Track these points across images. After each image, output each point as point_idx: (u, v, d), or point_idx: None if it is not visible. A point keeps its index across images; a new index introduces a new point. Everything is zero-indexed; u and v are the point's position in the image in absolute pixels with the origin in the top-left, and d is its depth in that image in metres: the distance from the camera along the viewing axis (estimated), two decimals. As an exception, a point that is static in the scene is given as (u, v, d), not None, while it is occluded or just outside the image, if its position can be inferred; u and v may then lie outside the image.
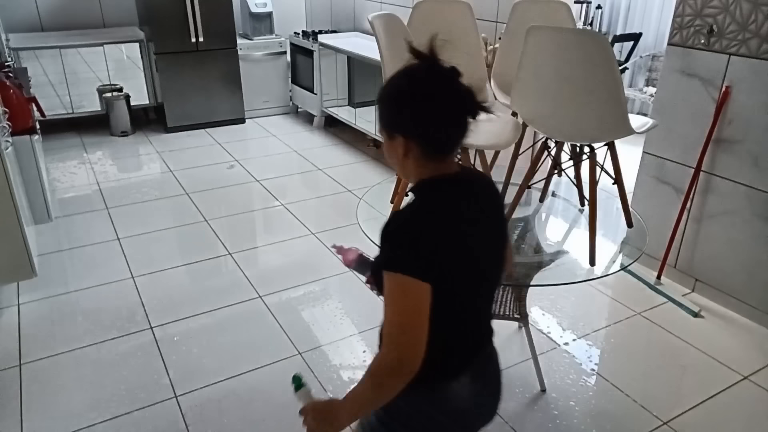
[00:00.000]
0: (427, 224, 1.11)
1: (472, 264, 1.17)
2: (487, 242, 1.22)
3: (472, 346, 1.26)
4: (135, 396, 2.31)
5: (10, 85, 3.21)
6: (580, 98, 1.80)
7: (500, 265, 1.28)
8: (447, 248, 1.10)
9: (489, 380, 1.32)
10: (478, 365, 1.27)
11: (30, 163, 3.41)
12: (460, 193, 1.19)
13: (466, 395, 1.23)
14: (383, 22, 1.85)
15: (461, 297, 1.17)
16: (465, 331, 1.23)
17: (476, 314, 1.26)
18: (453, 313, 1.15)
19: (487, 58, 3.04)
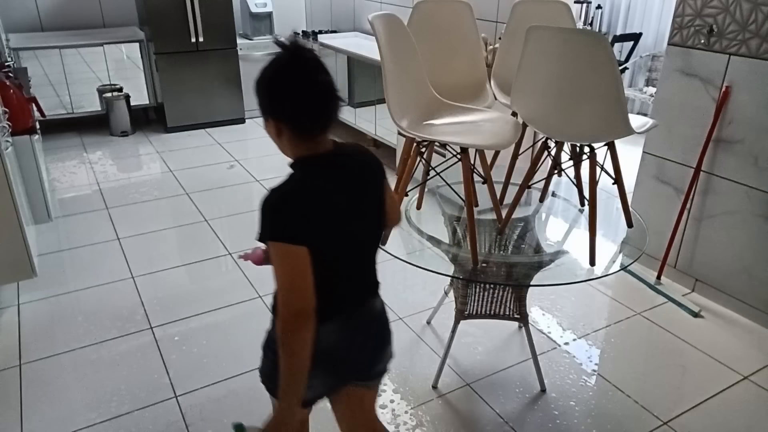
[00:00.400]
0: (298, 196, 1.29)
1: (342, 228, 1.34)
2: (359, 208, 1.38)
3: (343, 299, 1.42)
4: (135, 396, 2.31)
5: (10, 85, 3.21)
6: (581, 98, 1.80)
7: (375, 227, 1.46)
8: (317, 216, 1.28)
9: (365, 334, 1.49)
10: (353, 318, 1.45)
11: (30, 163, 3.41)
12: (331, 167, 1.36)
13: (333, 340, 1.39)
14: (383, 22, 1.84)
15: (332, 256, 1.34)
16: (336, 285, 1.38)
17: (350, 271, 1.43)
18: (325, 269, 1.30)
19: (487, 58, 3.04)
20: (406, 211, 2.27)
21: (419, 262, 2.02)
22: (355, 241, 1.41)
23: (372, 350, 1.54)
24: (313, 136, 1.32)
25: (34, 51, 4.96)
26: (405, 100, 1.92)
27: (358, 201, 1.39)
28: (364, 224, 1.42)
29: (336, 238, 1.34)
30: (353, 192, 1.38)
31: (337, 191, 1.34)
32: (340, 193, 1.35)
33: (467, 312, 2.30)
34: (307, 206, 1.28)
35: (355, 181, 1.41)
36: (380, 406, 2.27)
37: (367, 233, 1.45)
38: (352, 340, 1.46)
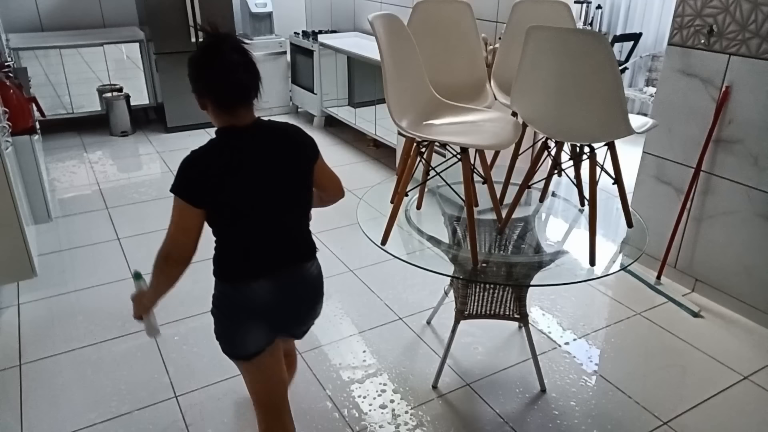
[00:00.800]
0: (205, 159, 1.47)
1: (247, 191, 1.50)
2: (272, 177, 1.53)
3: (270, 258, 1.60)
4: (135, 396, 2.31)
5: (10, 85, 3.21)
6: (580, 98, 1.80)
7: (293, 197, 1.61)
8: (219, 177, 1.45)
9: (294, 292, 1.66)
10: (282, 277, 1.62)
11: (30, 163, 3.41)
12: (246, 138, 1.51)
13: (262, 294, 1.59)
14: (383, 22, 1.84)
15: (249, 219, 1.53)
16: (260, 246, 1.58)
17: (271, 235, 1.59)
18: (245, 230, 1.55)
19: (487, 58, 3.04)
20: (407, 211, 2.28)
21: (419, 262, 2.02)
22: (266, 206, 1.55)
23: (304, 311, 1.73)
24: (230, 110, 1.49)
25: (34, 51, 4.96)
26: (405, 100, 1.92)
27: (271, 170, 1.53)
28: (278, 192, 1.56)
29: (241, 200, 1.50)
30: (266, 162, 1.53)
31: (247, 159, 1.50)
32: (250, 161, 1.50)
33: (467, 312, 2.30)
34: (210, 169, 1.47)
35: (271, 152, 1.54)
36: (380, 406, 2.27)
37: (283, 201, 1.58)
38: (284, 299, 1.64)
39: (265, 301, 1.61)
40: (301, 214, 1.68)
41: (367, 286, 3.05)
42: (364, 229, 2.10)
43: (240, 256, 1.59)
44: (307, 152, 1.63)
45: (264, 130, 1.56)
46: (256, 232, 1.57)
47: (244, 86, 1.48)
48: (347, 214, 3.91)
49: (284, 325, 1.72)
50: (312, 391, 2.34)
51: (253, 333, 1.63)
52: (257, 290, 1.58)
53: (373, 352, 2.57)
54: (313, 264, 1.72)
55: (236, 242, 1.57)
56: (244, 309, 1.62)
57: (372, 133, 4.94)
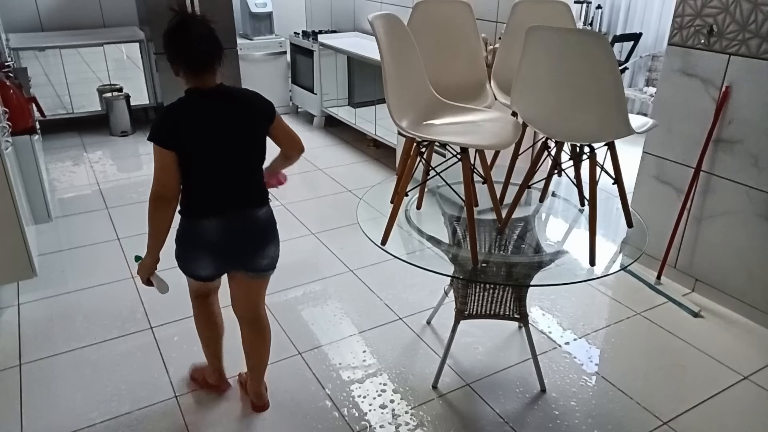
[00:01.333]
0: (174, 114, 1.80)
1: (207, 142, 1.81)
2: (228, 132, 1.83)
3: (222, 201, 1.89)
4: (135, 396, 2.31)
5: (10, 85, 3.21)
6: (581, 98, 1.80)
7: (245, 149, 1.89)
8: (185, 130, 1.78)
9: (241, 232, 1.94)
10: (231, 218, 1.91)
11: (30, 163, 3.41)
12: (209, 98, 1.82)
13: (211, 230, 1.90)
14: (383, 22, 1.84)
15: (205, 164, 1.83)
16: (213, 189, 1.88)
17: (226, 180, 1.88)
18: (202, 174, 1.85)
19: (487, 58, 3.04)
20: (407, 211, 2.28)
21: (419, 262, 2.02)
22: (221, 155, 1.85)
23: (252, 249, 1.99)
24: (197, 75, 1.79)
25: (34, 51, 4.96)
26: (405, 100, 1.92)
27: (227, 126, 1.83)
28: (232, 145, 1.86)
29: (200, 149, 1.81)
30: (223, 118, 1.83)
31: (207, 115, 1.81)
32: (210, 117, 1.81)
33: (467, 312, 2.30)
34: (178, 121, 1.79)
35: (228, 111, 1.84)
36: (380, 406, 2.27)
37: (236, 153, 1.88)
38: (233, 237, 1.93)
39: (214, 236, 1.91)
40: (254, 166, 1.95)
41: (367, 286, 3.05)
42: (364, 229, 2.10)
43: (197, 197, 1.89)
44: (261, 113, 1.91)
45: (225, 93, 1.86)
46: (212, 177, 1.87)
47: (208, 55, 1.79)
48: (347, 214, 3.93)
49: (233, 261, 2.00)
50: (312, 390, 2.34)
51: (203, 262, 1.98)
52: (208, 226, 1.90)
53: (373, 352, 2.57)
54: (263, 210, 1.98)
55: (195, 185, 1.86)
56: (196, 241, 1.94)
57: (372, 133, 4.94)
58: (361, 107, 5.32)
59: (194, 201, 1.89)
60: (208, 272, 2.00)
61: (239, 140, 1.86)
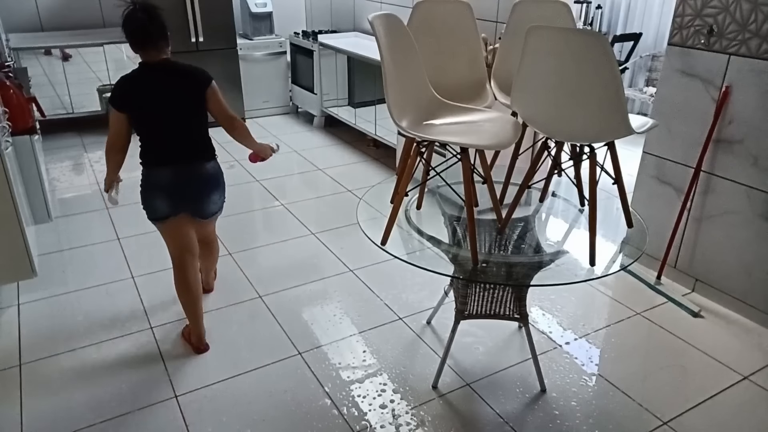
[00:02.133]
0: (126, 83, 2.28)
1: (153, 107, 2.29)
2: (169, 97, 2.30)
3: (169, 155, 2.36)
4: (135, 396, 2.31)
5: (10, 85, 3.21)
6: (581, 98, 1.80)
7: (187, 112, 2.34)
8: (133, 96, 2.27)
9: (188, 180, 2.40)
10: (180, 168, 2.38)
11: (30, 163, 3.40)
12: (153, 70, 2.28)
13: (162, 178, 2.37)
14: (383, 22, 1.84)
15: (151, 124, 2.32)
16: (161, 144, 2.35)
17: (171, 138, 2.35)
18: (150, 131, 2.34)
19: (487, 58, 3.04)
20: (407, 211, 2.28)
21: (419, 262, 2.02)
22: (165, 117, 2.31)
23: (198, 196, 2.45)
24: (141, 50, 2.26)
25: (34, 51, 4.96)
26: (405, 100, 1.92)
27: (169, 93, 2.30)
28: (174, 108, 2.31)
29: (148, 111, 2.30)
30: (166, 86, 2.29)
31: (152, 83, 2.28)
32: (154, 85, 2.28)
33: (467, 312, 2.30)
34: (125, 87, 2.28)
35: (170, 81, 2.30)
36: (380, 405, 2.27)
37: (179, 114, 2.33)
38: (182, 184, 2.39)
39: (165, 183, 2.38)
40: (197, 126, 2.39)
41: (367, 286, 3.05)
42: (364, 229, 2.10)
43: (150, 150, 2.37)
44: (197, 82, 2.34)
45: (169, 66, 2.32)
46: (159, 134, 2.34)
47: (148, 35, 2.23)
48: (347, 214, 3.93)
49: (182, 204, 2.43)
50: (312, 390, 2.34)
51: (158, 203, 2.40)
52: (160, 174, 2.37)
53: (373, 352, 2.57)
54: (210, 164, 2.44)
55: (147, 140, 2.36)
56: (152, 186, 2.40)
57: (372, 133, 4.94)
58: (361, 107, 5.32)
59: (148, 153, 2.38)
60: (162, 213, 2.42)
61: (178, 104, 2.32)
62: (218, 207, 2.55)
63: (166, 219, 2.43)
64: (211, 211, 2.51)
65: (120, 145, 2.33)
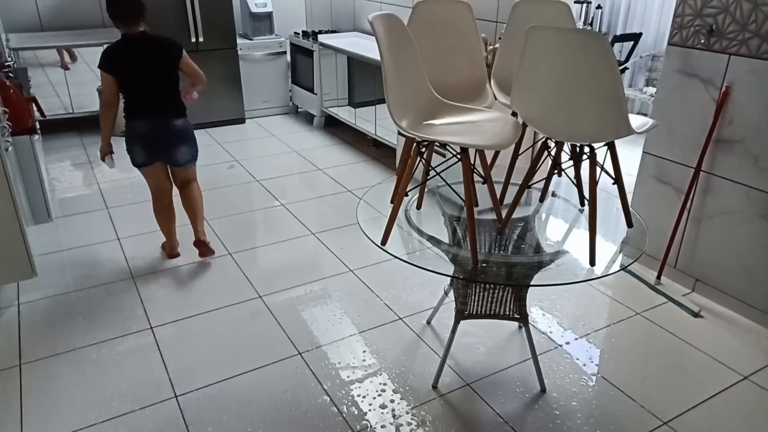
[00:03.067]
0: (110, 50, 2.80)
1: (133, 71, 2.83)
2: (148, 63, 2.85)
3: (146, 110, 2.92)
4: (135, 396, 2.31)
5: (10, 85, 3.21)
6: (580, 98, 1.80)
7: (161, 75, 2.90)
8: (117, 61, 2.80)
9: (160, 133, 2.97)
10: (154, 122, 2.94)
11: (30, 163, 3.40)
12: (133, 40, 2.81)
13: (140, 129, 2.93)
14: (383, 22, 1.84)
15: (132, 84, 2.86)
16: (139, 101, 2.90)
17: (148, 96, 2.91)
18: (132, 90, 2.87)
19: (487, 58, 3.04)
20: (407, 211, 2.27)
21: (419, 262, 2.02)
22: (144, 78, 2.87)
23: (169, 147, 3.02)
24: (123, 24, 2.79)
25: (34, 51, 4.96)
26: (405, 100, 1.92)
27: (146, 59, 2.85)
28: (150, 72, 2.88)
29: (129, 74, 2.84)
30: (143, 54, 2.85)
31: (131, 51, 2.83)
32: (133, 53, 2.83)
33: (467, 312, 2.30)
34: (112, 54, 2.81)
35: (147, 49, 2.85)
36: (380, 405, 2.27)
37: (154, 77, 2.89)
38: (156, 135, 2.97)
39: (142, 133, 2.95)
40: (170, 87, 2.94)
41: (367, 286, 3.05)
42: (364, 229, 2.10)
43: (132, 105, 2.92)
44: (171, 50, 2.91)
45: (146, 37, 2.86)
46: (138, 93, 2.90)
47: (130, 10, 2.76)
48: (347, 214, 3.93)
49: (156, 154, 3.02)
50: (312, 390, 2.34)
51: (138, 151, 2.98)
52: (139, 125, 2.94)
53: (373, 352, 2.57)
54: (179, 120, 2.98)
55: (129, 97, 2.91)
56: (133, 135, 2.96)
57: (372, 133, 4.94)
58: (361, 107, 5.32)
59: (131, 108, 2.92)
60: (141, 160, 3.01)
61: (154, 69, 2.88)
62: (189, 158, 3.10)
63: (144, 166, 3.03)
64: (182, 160, 3.07)
65: (112, 102, 2.88)
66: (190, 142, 3.05)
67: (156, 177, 3.09)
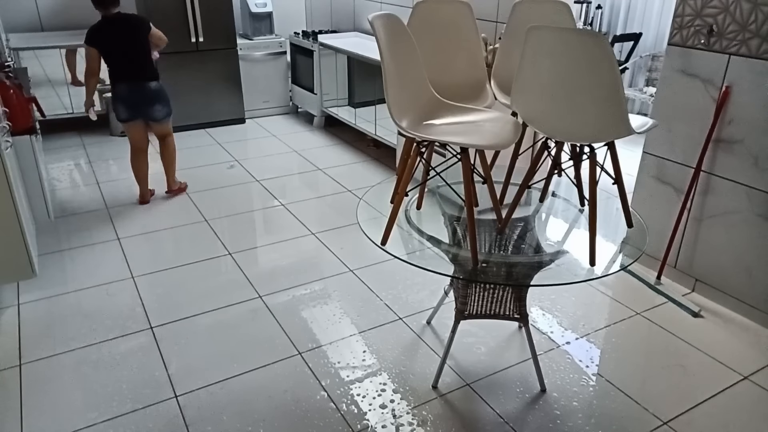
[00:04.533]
0: (93, 29, 3.61)
1: (111, 44, 3.61)
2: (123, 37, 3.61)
3: (124, 75, 3.68)
4: (135, 396, 2.31)
5: (10, 85, 3.21)
6: (580, 98, 1.80)
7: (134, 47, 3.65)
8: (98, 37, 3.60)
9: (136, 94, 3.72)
10: (131, 84, 3.70)
11: (30, 163, 3.41)
12: (111, 20, 3.59)
13: (122, 91, 3.71)
14: (383, 22, 1.84)
15: (112, 55, 3.65)
16: (119, 68, 3.67)
17: (124, 64, 3.66)
18: (112, 60, 3.67)
19: (487, 58, 3.04)
20: (407, 211, 2.28)
21: (419, 262, 2.02)
22: (121, 50, 3.62)
23: (145, 105, 3.76)
24: (103, 9, 3.55)
25: (34, 51, 4.96)
26: (405, 100, 1.92)
27: (121, 34, 3.59)
28: (125, 44, 3.62)
29: (108, 47, 3.60)
30: (118, 30, 3.59)
31: (109, 28, 3.57)
32: (110, 29, 3.57)
33: (467, 312, 2.31)
34: (94, 32, 3.58)
35: (121, 26, 3.59)
36: (380, 405, 2.27)
37: (129, 48, 3.64)
38: (134, 96, 3.72)
39: (123, 95, 3.71)
40: (142, 56, 3.69)
41: (367, 286, 3.05)
42: (364, 229, 2.10)
43: (113, 72, 3.68)
44: (141, 26, 3.67)
45: (120, 17, 3.59)
46: (117, 62, 3.66)
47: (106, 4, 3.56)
48: (347, 214, 3.93)
49: (135, 111, 3.77)
50: (312, 390, 2.34)
51: (121, 109, 3.75)
52: (119, 88, 3.71)
53: (373, 352, 2.57)
54: (152, 83, 3.74)
55: (111, 66, 3.67)
56: (116, 96, 3.72)
57: (372, 133, 4.94)
58: (361, 107, 5.32)
59: (113, 73, 3.68)
60: (124, 116, 3.77)
61: (129, 41, 3.63)
62: (163, 114, 3.83)
63: (126, 121, 3.79)
64: (158, 116, 3.82)
65: (94, 71, 3.66)
66: (163, 102, 3.79)
67: (135, 132, 3.85)
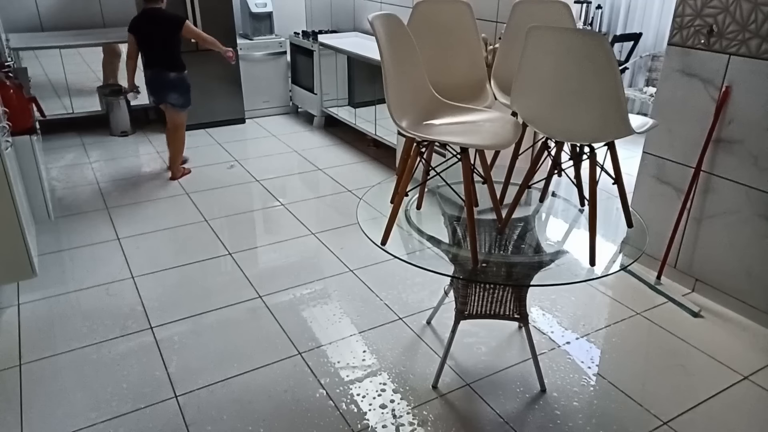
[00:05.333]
0: (134, 18, 4.16)
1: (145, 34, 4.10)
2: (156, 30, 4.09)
3: (150, 62, 4.18)
4: (135, 396, 2.31)
5: (10, 85, 3.21)
6: (580, 98, 1.80)
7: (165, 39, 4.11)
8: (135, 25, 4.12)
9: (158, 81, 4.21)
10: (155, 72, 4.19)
11: (30, 163, 3.41)
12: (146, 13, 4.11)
13: (147, 76, 4.23)
14: (383, 22, 1.84)
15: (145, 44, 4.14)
16: (147, 56, 4.18)
17: (154, 53, 4.15)
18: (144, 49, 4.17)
19: (487, 58, 3.03)
20: (407, 211, 2.28)
21: (419, 262, 2.02)
22: (152, 41, 4.10)
23: (165, 91, 4.21)
24: (145, 2, 4.08)
25: (34, 51, 4.96)
26: (405, 100, 1.92)
27: (154, 27, 4.08)
28: (157, 36, 4.09)
29: (143, 36, 4.10)
30: (153, 23, 4.08)
31: (146, 21, 4.10)
32: (145, 21, 4.09)
33: (467, 312, 2.31)
34: (134, 21, 4.12)
35: (156, 19, 4.08)
36: (380, 405, 2.27)
37: (155, 40, 4.09)
38: (157, 83, 4.21)
39: (147, 80, 4.21)
40: (168, 48, 4.11)
41: (367, 286, 3.06)
42: (364, 229, 2.10)
43: (143, 59, 4.14)
44: (171, 23, 4.08)
45: (154, 12, 4.06)
46: (148, 51, 4.12)
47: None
48: (347, 214, 3.93)
49: (159, 96, 4.24)
50: (311, 390, 2.34)
51: (150, 92, 4.27)
52: (146, 73, 4.18)
53: (373, 352, 2.57)
54: (173, 73, 4.15)
55: (142, 53, 4.14)
56: (147, 81, 4.22)
57: (372, 133, 4.94)
58: (361, 107, 5.32)
59: (143, 61, 4.14)
60: (153, 99, 4.32)
61: (157, 34, 4.07)
62: (180, 103, 4.25)
63: (156, 104, 4.39)
64: (171, 101, 4.23)
65: (133, 55, 4.14)
66: (180, 91, 4.21)
67: (166, 114, 4.36)
